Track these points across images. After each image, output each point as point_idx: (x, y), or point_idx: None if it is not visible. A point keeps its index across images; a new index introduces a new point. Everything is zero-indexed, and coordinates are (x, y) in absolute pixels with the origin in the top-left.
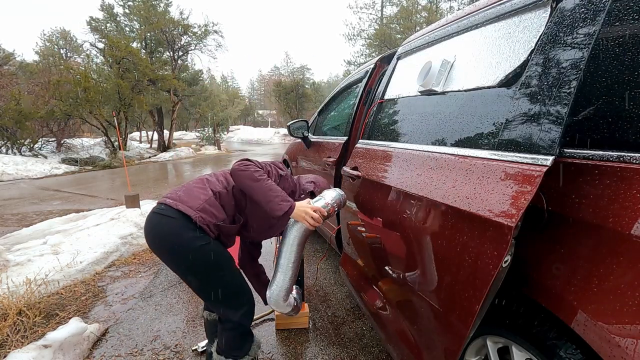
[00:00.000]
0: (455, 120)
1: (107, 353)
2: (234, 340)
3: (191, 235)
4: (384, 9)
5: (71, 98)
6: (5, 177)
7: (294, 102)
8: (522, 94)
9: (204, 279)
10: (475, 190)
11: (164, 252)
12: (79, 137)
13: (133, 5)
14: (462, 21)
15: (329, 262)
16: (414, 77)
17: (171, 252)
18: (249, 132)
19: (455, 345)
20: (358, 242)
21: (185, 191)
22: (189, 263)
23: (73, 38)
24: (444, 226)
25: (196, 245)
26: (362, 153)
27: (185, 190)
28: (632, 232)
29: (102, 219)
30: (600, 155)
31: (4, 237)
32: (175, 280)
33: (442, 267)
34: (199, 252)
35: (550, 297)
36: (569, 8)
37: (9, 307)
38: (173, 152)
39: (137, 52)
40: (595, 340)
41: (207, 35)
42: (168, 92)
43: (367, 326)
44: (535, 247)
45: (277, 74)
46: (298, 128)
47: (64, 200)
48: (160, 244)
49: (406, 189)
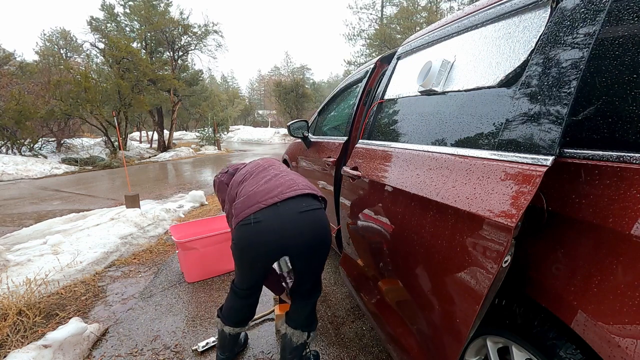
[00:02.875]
0: (455, 120)
1: (107, 353)
2: (313, 314)
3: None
4: (384, 9)
5: (71, 98)
6: (5, 177)
7: (294, 102)
8: (522, 94)
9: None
10: (475, 190)
11: (321, 245)
12: (79, 137)
13: (133, 5)
14: (462, 21)
15: (329, 262)
16: (414, 77)
17: (326, 241)
18: (249, 132)
19: (455, 345)
20: (358, 242)
21: (296, 180)
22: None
23: (73, 38)
24: (444, 226)
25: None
26: (362, 153)
27: (294, 179)
28: (632, 232)
29: (102, 219)
30: (600, 155)
31: (4, 237)
32: (175, 280)
33: (442, 267)
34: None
35: (550, 297)
36: (569, 8)
37: (9, 307)
38: (173, 152)
39: (137, 52)
40: (595, 340)
41: (207, 35)
42: (168, 92)
43: (367, 326)
44: (535, 247)
45: (277, 74)
46: (298, 128)
47: (64, 200)
48: (320, 239)
49: (406, 189)
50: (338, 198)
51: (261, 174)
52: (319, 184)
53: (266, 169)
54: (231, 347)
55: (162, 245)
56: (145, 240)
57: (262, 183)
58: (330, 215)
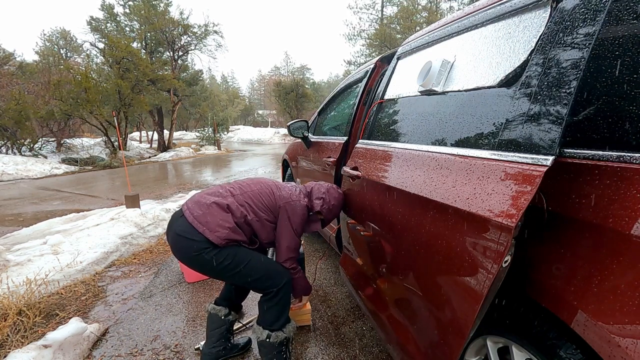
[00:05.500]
0: (455, 120)
1: (107, 353)
2: (270, 314)
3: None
4: (384, 9)
5: (71, 98)
6: (5, 177)
7: (294, 102)
8: (522, 94)
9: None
10: (475, 190)
11: (189, 263)
12: (79, 137)
13: (133, 5)
14: (462, 21)
15: (329, 262)
16: (414, 77)
17: (192, 261)
18: (249, 132)
19: (456, 345)
20: (358, 241)
21: (209, 215)
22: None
23: (73, 38)
24: (444, 226)
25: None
26: (362, 153)
27: (212, 214)
28: (632, 232)
29: (102, 219)
30: (600, 155)
31: (4, 237)
32: (175, 280)
33: (442, 267)
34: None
35: (550, 297)
36: (569, 8)
37: (9, 307)
38: (173, 152)
39: (137, 52)
40: (595, 340)
41: (207, 35)
42: (168, 92)
43: (367, 326)
44: (535, 247)
45: (277, 74)
46: (298, 128)
47: (64, 200)
48: (183, 259)
49: (406, 189)
50: None
51: (223, 188)
52: None
53: (230, 188)
54: (217, 338)
55: (162, 245)
56: (145, 240)
57: (205, 192)
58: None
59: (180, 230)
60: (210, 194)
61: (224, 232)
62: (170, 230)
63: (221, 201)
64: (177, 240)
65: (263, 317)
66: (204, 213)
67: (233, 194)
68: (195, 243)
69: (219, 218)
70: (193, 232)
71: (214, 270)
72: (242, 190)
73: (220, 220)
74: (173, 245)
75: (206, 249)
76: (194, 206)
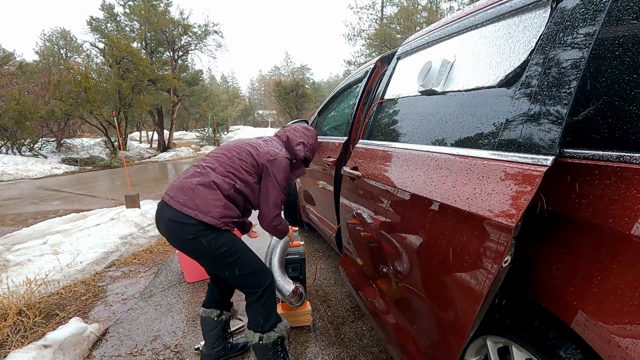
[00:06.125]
0: (455, 120)
1: (107, 353)
2: (261, 316)
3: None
4: (384, 9)
5: (71, 98)
6: (5, 177)
7: (294, 102)
8: (522, 94)
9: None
10: (475, 190)
11: (185, 249)
12: (79, 137)
13: (133, 5)
14: (462, 21)
15: (329, 262)
16: (414, 77)
17: (187, 246)
18: (249, 132)
19: (456, 345)
20: (358, 241)
21: (197, 197)
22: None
23: (73, 38)
24: (444, 226)
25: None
26: (362, 153)
27: (200, 197)
28: (632, 232)
29: (102, 219)
30: (600, 155)
31: (4, 237)
32: (175, 280)
33: (442, 267)
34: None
35: (550, 297)
36: (569, 8)
37: (9, 307)
38: (173, 152)
39: (137, 52)
40: (595, 340)
41: (207, 35)
42: (168, 92)
43: (367, 326)
44: (535, 247)
45: (277, 74)
46: None
47: (64, 200)
48: (179, 245)
49: (406, 189)
50: (338, 198)
51: (199, 166)
52: (319, 184)
53: (207, 164)
54: (214, 339)
55: (162, 245)
56: (145, 240)
57: (183, 177)
58: (330, 215)
59: (172, 215)
60: (190, 177)
61: (217, 211)
62: (161, 219)
63: (205, 180)
64: (170, 226)
65: (252, 321)
66: (190, 197)
67: (213, 169)
68: (191, 227)
69: (210, 198)
70: (185, 217)
71: (209, 255)
72: (220, 162)
73: (210, 200)
74: (167, 232)
75: (205, 232)
76: (177, 193)
